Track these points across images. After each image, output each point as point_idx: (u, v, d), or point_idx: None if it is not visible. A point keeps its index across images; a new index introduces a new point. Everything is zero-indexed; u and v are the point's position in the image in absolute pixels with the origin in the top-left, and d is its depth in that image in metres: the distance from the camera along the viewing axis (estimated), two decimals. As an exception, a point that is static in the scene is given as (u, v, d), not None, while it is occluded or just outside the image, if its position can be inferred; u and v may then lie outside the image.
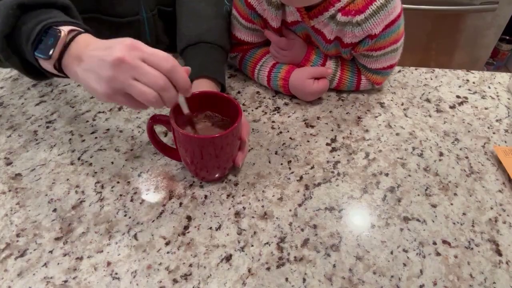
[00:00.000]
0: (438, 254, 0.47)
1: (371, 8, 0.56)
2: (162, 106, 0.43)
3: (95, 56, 0.41)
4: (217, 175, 0.53)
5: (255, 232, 0.48)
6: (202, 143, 0.48)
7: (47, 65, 0.45)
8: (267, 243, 0.47)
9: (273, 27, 0.64)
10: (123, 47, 0.40)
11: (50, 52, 0.43)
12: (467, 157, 0.59)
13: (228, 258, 0.45)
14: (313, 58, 0.67)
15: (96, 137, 0.59)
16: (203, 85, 0.59)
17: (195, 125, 0.52)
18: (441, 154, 0.60)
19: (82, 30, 0.45)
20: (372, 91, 0.71)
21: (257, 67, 0.69)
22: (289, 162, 0.57)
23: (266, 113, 0.66)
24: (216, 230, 0.48)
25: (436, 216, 0.51)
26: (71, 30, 0.44)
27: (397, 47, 0.63)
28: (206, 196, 0.52)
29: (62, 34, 0.43)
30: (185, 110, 0.47)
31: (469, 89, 0.74)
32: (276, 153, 0.58)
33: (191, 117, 0.50)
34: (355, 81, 0.69)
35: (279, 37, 0.66)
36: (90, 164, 0.55)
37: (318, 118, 0.65)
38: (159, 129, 0.59)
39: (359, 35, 0.59)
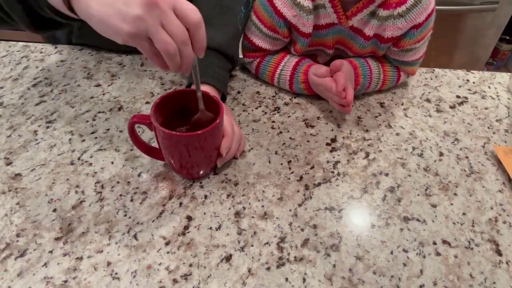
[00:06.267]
0: (438, 254, 0.47)
1: None
2: (176, 67, 0.42)
3: None
4: (201, 172, 0.53)
5: (255, 232, 0.48)
6: (186, 140, 0.47)
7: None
8: (267, 243, 0.47)
9: (303, 33, 0.63)
10: None
11: None
12: (467, 157, 0.59)
13: (228, 258, 0.45)
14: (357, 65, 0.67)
15: (96, 137, 0.59)
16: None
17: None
18: (441, 154, 0.60)
19: None
20: (372, 91, 0.71)
21: (277, 72, 0.68)
22: (289, 162, 0.57)
23: (266, 113, 0.66)
24: (216, 230, 0.48)
25: (436, 216, 0.51)
26: None
27: (429, 34, 0.64)
28: (206, 196, 0.52)
29: None
30: (201, 105, 0.48)
31: (469, 89, 0.74)
32: (276, 153, 0.58)
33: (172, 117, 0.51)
34: (396, 76, 0.69)
35: (328, 77, 0.61)
36: (90, 164, 0.55)
37: (318, 118, 0.65)
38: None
39: (403, 27, 0.59)
